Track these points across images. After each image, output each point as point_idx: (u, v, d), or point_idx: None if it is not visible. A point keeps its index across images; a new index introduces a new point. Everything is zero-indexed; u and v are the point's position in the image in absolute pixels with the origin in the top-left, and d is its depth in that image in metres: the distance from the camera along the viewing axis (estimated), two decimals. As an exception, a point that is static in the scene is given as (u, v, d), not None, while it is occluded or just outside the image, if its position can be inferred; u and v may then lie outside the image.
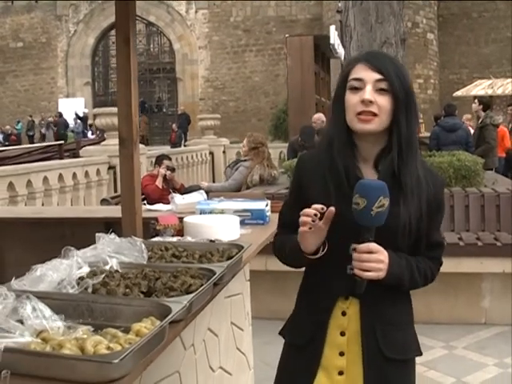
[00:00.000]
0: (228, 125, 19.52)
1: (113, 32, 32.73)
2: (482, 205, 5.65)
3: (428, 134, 13.13)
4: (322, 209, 1.71)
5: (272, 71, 29.00)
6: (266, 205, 3.33)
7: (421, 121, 14.72)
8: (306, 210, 1.74)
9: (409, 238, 1.81)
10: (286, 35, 13.19)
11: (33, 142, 26.87)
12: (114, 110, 10.81)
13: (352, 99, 1.78)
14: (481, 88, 16.70)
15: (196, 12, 29.89)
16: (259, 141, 6.97)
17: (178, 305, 1.60)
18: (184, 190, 6.78)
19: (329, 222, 1.73)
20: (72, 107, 29.88)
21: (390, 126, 1.79)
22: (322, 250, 1.80)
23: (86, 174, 9.19)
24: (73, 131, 28.72)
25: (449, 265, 5.34)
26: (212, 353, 3.14)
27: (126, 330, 1.53)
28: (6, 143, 27.05)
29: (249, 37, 29.33)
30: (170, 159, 7.84)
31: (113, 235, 2.35)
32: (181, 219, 3.07)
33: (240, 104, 29.36)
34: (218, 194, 4.05)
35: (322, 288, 1.87)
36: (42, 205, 7.72)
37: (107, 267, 2.01)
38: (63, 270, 1.87)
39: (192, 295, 1.71)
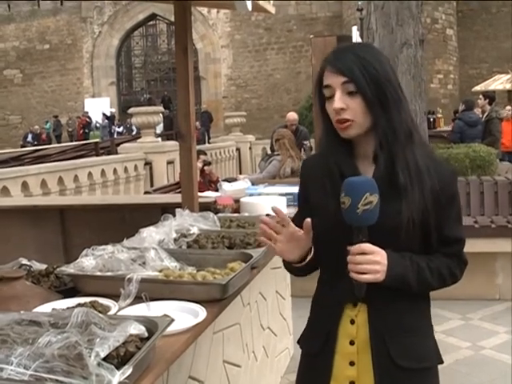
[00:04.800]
0: (251, 122, 20.07)
1: (136, 33, 33.57)
2: (496, 191, 6.20)
3: (446, 128, 13.62)
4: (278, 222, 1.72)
5: (293, 69, 29.48)
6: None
7: (439, 115, 15.17)
8: (263, 219, 1.75)
9: (414, 235, 1.69)
10: (311, 36, 13.71)
11: (60, 142, 27.50)
12: (150, 109, 11.47)
13: (329, 108, 1.71)
14: (499, 83, 17.04)
15: (218, 11, 30.40)
16: (280, 134, 7.92)
17: (256, 253, 2.19)
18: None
19: (309, 232, 1.71)
20: (98, 107, 30.54)
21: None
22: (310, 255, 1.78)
23: (125, 170, 9.83)
24: (97, 128, 29.35)
25: (465, 245, 5.94)
26: (262, 313, 3.73)
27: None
28: (35, 143, 27.73)
29: (270, 35, 29.81)
30: (205, 154, 8.43)
31: (187, 211, 2.95)
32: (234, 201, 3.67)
33: (262, 101, 29.88)
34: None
35: (329, 296, 1.78)
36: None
37: (191, 232, 2.60)
38: (162, 233, 2.46)
39: (264, 248, 2.29)
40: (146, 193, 7.86)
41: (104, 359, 1.28)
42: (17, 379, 1.23)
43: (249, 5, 3.23)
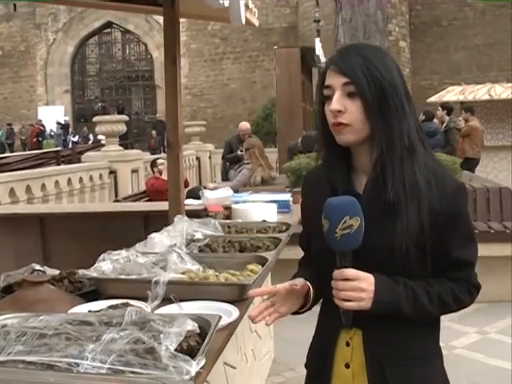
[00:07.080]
0: (206, 131, 20.04)
1: (91, 40, 33.28)
2: (474, 199, 6.47)
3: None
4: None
5: (249, 78, 29.69)
6: (290, 196, 4.05)
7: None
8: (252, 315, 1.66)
9: (409, 258, 1.55)
10: (275, 47, 13.94)
11: (13, 150, 27.05)
12: (115, 117, 11.46)
13: (327, 110, 1.61)
14: (453, 94, 17.48)
15: (174, 20, 30.39)
16: (250, 143, 8.11)
17: (270, 256, 2.30)
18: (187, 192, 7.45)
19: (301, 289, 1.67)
20: (52, 115, 30.16)
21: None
22: (309, 301, 1.71)
23: (91, 178, 9.81)
24: (51, 136, 28.98)
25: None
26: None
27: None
28: (-13, 151, 27.18)
29: (226, 45, 29.98)
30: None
31: (186, 217, 3.04)
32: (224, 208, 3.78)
33: (218, 111, 29.97)
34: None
35: (327, 317, 1.71)
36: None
37: (195, 237, 2.69)
38: (173, 238, 2.55)
39: (274, 251, 2.41)
40: (115, 201, 7.89)
41: (170, 353, 1.37)
42: (94, 373, 1.30)
43: (243, 19, 3.34)
